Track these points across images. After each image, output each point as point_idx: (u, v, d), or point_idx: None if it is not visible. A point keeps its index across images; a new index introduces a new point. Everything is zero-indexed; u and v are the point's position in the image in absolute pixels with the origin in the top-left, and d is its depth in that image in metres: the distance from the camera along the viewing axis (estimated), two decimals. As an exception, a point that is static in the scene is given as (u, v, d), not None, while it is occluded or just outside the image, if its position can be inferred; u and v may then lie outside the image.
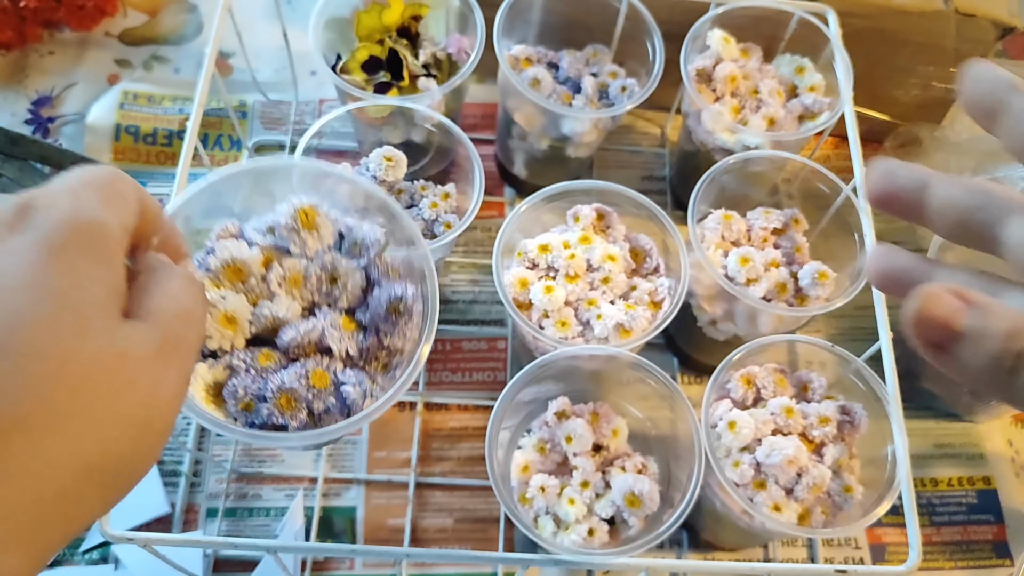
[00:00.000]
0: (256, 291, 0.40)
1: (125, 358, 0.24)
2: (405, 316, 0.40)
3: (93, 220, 0.24)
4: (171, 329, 0.26)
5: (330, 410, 0.38)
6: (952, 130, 0.77)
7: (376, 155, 0.59)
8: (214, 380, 0.38)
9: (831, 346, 0.54)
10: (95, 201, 0.25)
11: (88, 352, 0.23)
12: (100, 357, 0.23)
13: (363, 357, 0.40)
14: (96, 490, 0.24)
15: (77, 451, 0.22)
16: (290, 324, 0.39)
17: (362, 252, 0.41)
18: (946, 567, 0.64)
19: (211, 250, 0.40)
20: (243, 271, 0.39)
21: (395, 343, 0.39)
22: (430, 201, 0.59)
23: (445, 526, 0.63)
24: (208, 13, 0.84)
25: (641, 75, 0.68)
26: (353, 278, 0.41)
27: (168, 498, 0.62)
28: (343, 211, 0.41)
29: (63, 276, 0.23)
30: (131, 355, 0.24)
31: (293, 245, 0.40)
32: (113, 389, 0.23)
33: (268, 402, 0.37)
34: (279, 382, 0.37)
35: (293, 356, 0.39)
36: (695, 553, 0.63)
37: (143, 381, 0.24)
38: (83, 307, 0.23)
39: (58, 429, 0.22)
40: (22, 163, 0.71)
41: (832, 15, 0.67)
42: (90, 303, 0.23)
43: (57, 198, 0.24)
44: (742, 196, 0.64)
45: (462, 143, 0.59)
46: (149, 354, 0.25)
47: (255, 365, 0.38)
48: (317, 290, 0.41)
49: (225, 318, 0.38)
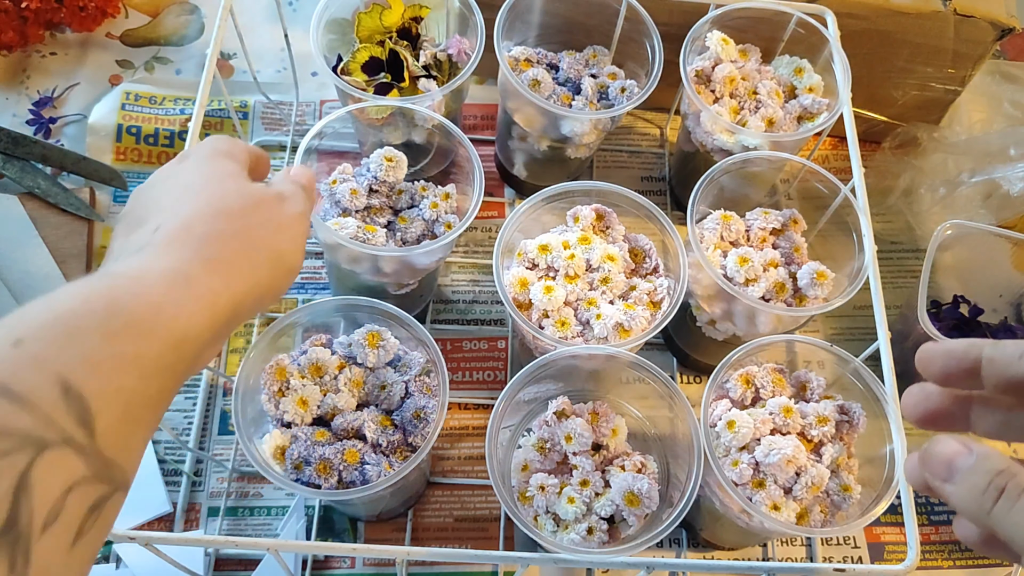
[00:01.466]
0: (328, 386, 0.53)
1: (262, 200, 0.39)
2: (424, 421, 0.51)
3: (221, 147, 0.42)
4: (287, 190, 0.42)
5: (354, 480, 0.50)
6: (950, 130, 0.78)
7: (377, 156, 0.60)
8: (282, 444, 0.51)
9: (830, 346, 0.54)
10: (221, 141, 0.43)
11: (234, 191, 0.39)
12: (250, 198, 0.39)
13: (391, 447, 0.52)
14: (252, 302, 0.37)
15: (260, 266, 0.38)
16: (343, 414, 0.52)
17: (408, 371, 0.54)
18: (944, 566, 0.64)
19: (304, 351, 0.54)
20: (322, 369, 0.53)
21: (416, 441, 0.52)
22: (430, 201, 0.60)
23: (445, 525, 0.63)
24: (209, 14, 0.85)
25: (640, 76, 0.68)
26: (396, 388, 0.53)
27: (170, 497, 0.62)
28: (404, 340, 0.56)
29: (212, 167, 0.40)
30: (264, 198, 0.39)
31: (361, 356, 0.53)
32: (273, 227, 0.39)
33: (311, 466, 0.50)
34: (322, 453, 0.50)
35: (340, 436, 0.52)
36: (694, 552, 0.63)
37: (282, 221, 0.40)
38: (225, 175, 0.40)
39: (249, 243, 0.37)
40: (24, 163, 0.71)
41: (831, 16, 0.67)
42: (229, 173, 0.40)
43: (199, 144, 0.43)
44: (741, 197, 0.64)
45: (462, 144, 0.59)
46: (276, 198, 0.40)
47: (311, 438, 0.51)
48: (370, 393, 0.54)
49: (301, 400, 0.52)
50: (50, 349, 0.27)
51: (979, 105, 0.80)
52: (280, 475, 0.49)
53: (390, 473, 0.49)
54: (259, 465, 0.48)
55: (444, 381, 0.52)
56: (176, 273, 0.33)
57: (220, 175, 0.39)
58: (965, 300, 0.71)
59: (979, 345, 0.31)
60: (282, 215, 0.40)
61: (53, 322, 0.28)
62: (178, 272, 0.33)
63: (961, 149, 0.74)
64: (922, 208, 0.75)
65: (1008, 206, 0.71)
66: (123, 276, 0.32)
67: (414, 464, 0.49)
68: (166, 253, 0.34)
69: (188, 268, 0.33)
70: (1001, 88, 0.81)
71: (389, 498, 0.59)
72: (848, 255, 0.60)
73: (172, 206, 0.37)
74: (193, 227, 0.36)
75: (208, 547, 0.59)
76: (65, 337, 0.28)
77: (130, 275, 0.32)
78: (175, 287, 0.32)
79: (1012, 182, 0.71)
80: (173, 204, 0.37)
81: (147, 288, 0.31)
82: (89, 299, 0.29)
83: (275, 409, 0.52)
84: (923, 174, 0.74)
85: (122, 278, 0.32)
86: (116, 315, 0.29)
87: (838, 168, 0.80)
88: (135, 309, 0.30)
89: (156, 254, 0.34)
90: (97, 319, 0.29)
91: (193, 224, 0.36)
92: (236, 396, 0.49)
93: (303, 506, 0.62)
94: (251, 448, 0.49)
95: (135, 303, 0.30)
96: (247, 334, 0.69)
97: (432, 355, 0.53)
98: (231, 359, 0.68)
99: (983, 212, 0.72)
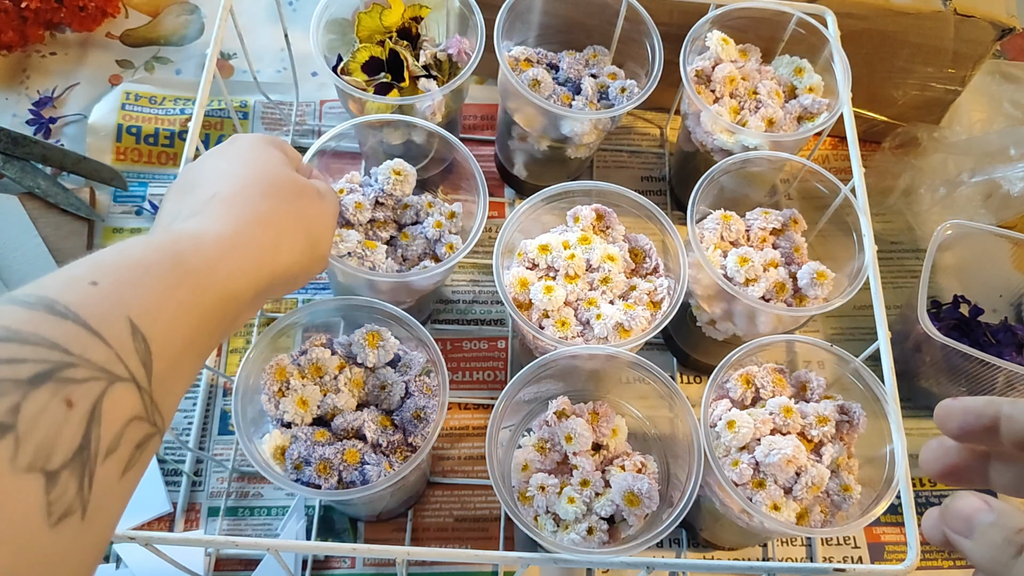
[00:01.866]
0: (328, 386, 0.53)
1: (305, 189, 0.43)
2: (424, 421, 0.51)
3: (272, 138, 0.46)
4: (323, 188, 0.46)
5: (354, 481, 0.50)
6: (951, 130, 0.78)
7: (386, 168, 0.59)
8: (282, 444, 0.51)
9: (830, 346, 0.54)
10: (271, 136, 0.47)
11: (283, 175, 0.42)
12: (295, 184, 0.42)
13: (391, 447, 0.52)
14: (281, 284, 0.40)
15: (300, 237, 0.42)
16: (343, 414, 0.52)
17: (408, 371, 0.54)
18: (944, 566, 0.64)
19: (304, 351, 0.53)
20: (322, 370, 0.53)
21: (416, 441, 0.52)
22: (434, 220, 0.59)
23: (445, 525, 0.63)
24: (210, 14, 0.85)
25: (640, 76, 0.68)
26: (397, 388, 0.53)
27: (169, 497, 0.62)
28: (404, 340, 0.56)
29: (264, 151, 0.43)
30: (307, 188, 0.43)
31: (361, 356, 0.53)
32: (313, 216, 0.42)
33: (311, 466, 0.50)
34: (322, 453, 0.50)
35: (340, 437, 0.52)
36: (694, 552, 0.63)
37: (321, 213, 0.43)
38: (276, 160, 0.43)
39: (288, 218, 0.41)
40: (24, 163, 0.71)
41: (831, 16, 0.67)
42: (279, 160, 0.43)
43: (244, 134, 0.49)
44: (741, 196, 0.64)
45: (460, 152, 0.59)
46: (316, 193, 0.44)
47: (311, 439, 0.51)
48: (370, 393, 0.54)
49: (301, 400, 0.52)
50: (122, 291, 0.30)
51: (979, 105, 0.80)
52: (280, 475, 0.49)
53: (390, 473, 0.49)
54: (259, 465, 0.48)
55: (444, 381, 0.52)
56: (230, 237, 0.36)
57: (271, 159, 0.43)
58: (965, 300, 0.71)
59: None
60: (321, 208, 0.44)
61: (126, 267, 0.31)
62: (232, 236, 0.36)
63: (961, 149, 0.74)
64: (922, 208, 0.75)
65: (1008, 206, 0.71)
66: (184, 234, 0.35)
67: (414, 464, 0.49)
68: (221, 217, 0.37)
69: (240, 233, 0.37)
70: (1001, 88, 0.81)
71: (389, 498, 0.59)
72: (848, 255, 0.60)
73: (225, 177, 0.40)
74: (247, 197, 0.39)
75: (208, 547, 0.59)
76: (135, 282, 0.30)
77: (190, 233, 0.35)
78: (229, 249, 0.35)
79: (1012, 182, 0.71)
80: (226, 175, 0.40)
81: (205, 246, 0.34)
82: (158, 250, 0.33)
83: (275, 409, 0.52)
84: (923, 174, 0.74)
85: (184, 235, 0.35)
86: (179, 266, 0.32)
87: (838, 168, 0.80)
88: (195, 264, 0.33)
89: (212, 217, 0.37)
90: (164, 269, 0.32)
91: (247, 195, 0.39)
92: (236, 396, 0.49)
93: (303, 506, 0.62)
94: (251, 448, 0.49)
95: (196, 259, 0.33)
96: (247, 334, 0.69)
97: (432, 355, 0.53)
98: (231, 359, 0.68)
99: (983, 212, 0.72)
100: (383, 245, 0.58)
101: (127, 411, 0.28)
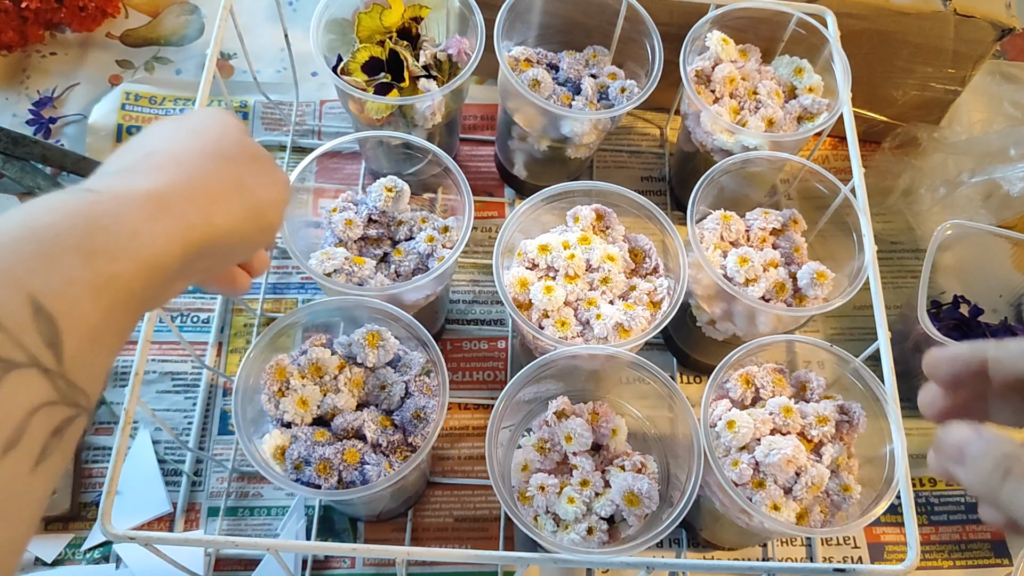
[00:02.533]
0: (328, 386, 0.53)
1: (257, 154, 0.40)
2: (424, 421, 0.51)
3: (232, 113, 0.43)
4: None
5: (354, 481, 0.50)
6: (950, 130, 0.78)
7: (378, 186, 0.59)
8: (282, 444, 0.51)
9: (830, 346, 0.54)
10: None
11: (233, 139, 0.39)
12: (247, 149, 0.39)
13: (391, 447, 0.52)
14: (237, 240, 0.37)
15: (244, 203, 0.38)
16: (343, 413, 0.52)
17: (408, 371, 0.54)
18: (944, 566, 0.64)
19: (304, 351, 0.53)
20: (322, 369, 0.53)
21: (416, 441, 0.52)
22: (426, 235, 0.59)
23: (445, 525, 0.63)
24: (210, 14, 0.85)
25: (640, 76, 0.68)
26: (397, 388, 0.53)
27: (169, 497, 0.62)
28: (404, 340, 0.56)
29: (219, 119, 0.40)
30: (261, 154, 0.40)
31: (361, 356, 0.53)
32: (262, 182, 0.39)
33: (311, 466, 0.50)
34: (322, 453, 0.50)
35: (340, 436, 0.52)
36: (694, 552, 0.63)
37: (271, 180, 0.40)
38: (230, 127, 0.40)
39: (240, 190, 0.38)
40: (24, 163, 0.71)
41: (831, 16, 0.67)
42: (235, 127, 0.40)
43: None
44: (741, 197, 0.64)
45: (453, 172, 0.58)
46: (271, 161, 0.41)
47: (311, 438, 0.51)
48: (370, 393, 0.54)
49: (301, 400, 0.52)
50: (22, 266, 0.26)
51: (979, 105, 0.80)
52: (280, 475, 0.49)
53: (390, 473, 0.49)
54: (259, 465, 0.48)
55: (444, 381, 0.52)
56: (157, 197, 0.33)
57: (225, 126, 0.40)
58: (965, 300, 0.71)
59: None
60: (273, 174, 0.41)
61: (29, 237, 0.27)
62: (159, 196, 0.33)
63: (961, 149, 0.74)
64: (922, 208, 0.75)
65: (1008, 206, 0.71)
66: (105, 193, 0.31)
67: (414, 464, 0.49)
68: (149, 175, 0.34)
69: (169, 193, 0.33)
70: (1001, 88, 0.81)
71: (389, 498, 0.59)
72: (848, 255, 0.60)
73: (169, 140, 0.37)
74: (184, 160, 0.36)
75: (208, 547, 0.59)
76: (40, 255, 0.27)
77: (112, 192, 0.32)
78: (154, 211, 0.32)
79: (1012, 182, 0.71)
80: (171, 139, 0.38)
81: (127, 209, 0.31)
82: (72, 214, 0.29)
83: (275, 409, 0.52)
84: (923, 174, 0.74)
85: (104, 195, 0.31)
86: (94, 235, 0.29)
87: (838, 168, 0.80)
88: (113, 229, 0.30)
89: (140, 175, 0.34)
90: (75, 238, 0.28)
91: (185, 157, 0.36)
92: (236, 396, 0.49)
93: (303, 506, 0.62)
94: (251, 448, 0.49)
95: (115, 224, 0.30)
96: (247, 334, 0.69)
97: (432, 355, 0.53)
98: (231, 359, 0.68)
99: (983, 212, 0.72)
100: (372, 261, 0.58)
101: (31, 399, 0.26)
